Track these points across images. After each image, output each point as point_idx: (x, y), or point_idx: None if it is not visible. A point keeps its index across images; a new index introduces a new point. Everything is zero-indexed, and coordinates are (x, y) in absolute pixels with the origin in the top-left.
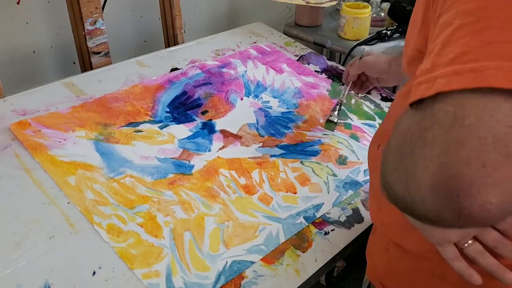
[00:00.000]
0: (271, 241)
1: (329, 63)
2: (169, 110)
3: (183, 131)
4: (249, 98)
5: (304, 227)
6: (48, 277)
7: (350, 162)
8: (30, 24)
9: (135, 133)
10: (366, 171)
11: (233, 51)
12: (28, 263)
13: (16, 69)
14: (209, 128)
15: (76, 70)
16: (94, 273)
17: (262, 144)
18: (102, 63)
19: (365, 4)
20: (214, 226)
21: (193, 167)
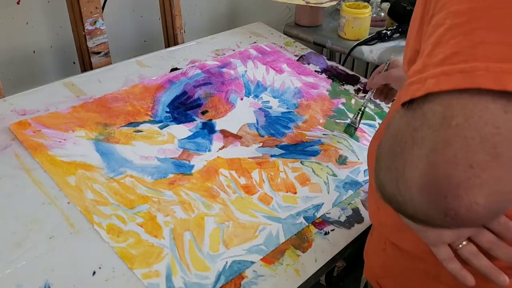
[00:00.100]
0: (271, 241)
1: (329, 63)
2: (169, 110)
3: (183, 131)
4: (249, 98)
5: (304, 227)
6: (48, 277)
7: (350, 162)
8: (30, 24)
9: (135, 133)
10: (366, 171)
11: (233, 51)
12: (28, 263)
13: (16, 69)
14: (209, 128)
15: (76, 70)
16: (94, 273)
17: (262, 144)
18: (102, 63)
19: (365, 4)
20: (214, 226)
21: (193, 167)
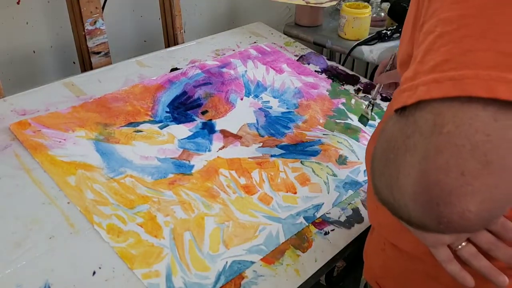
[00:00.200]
0: (271, 241)
1: (329, 63)
2: (169, 110)
3: (183, 131)
4: (249, 98)
5: (304, 227)
6: (48, 277)
7: (350, 162)
8: (30, 24)
9: (135, 133)
10: (365, 171)
11: (233, 51)
12: (28, 263)
13: (16, 69)
14: (209, 128)
15: (76, 70)
16: (94, 273)
17: (262, 144)
18: (102, 63)
19: (365, 4)
20: (214, 226)
21: (193, 167)
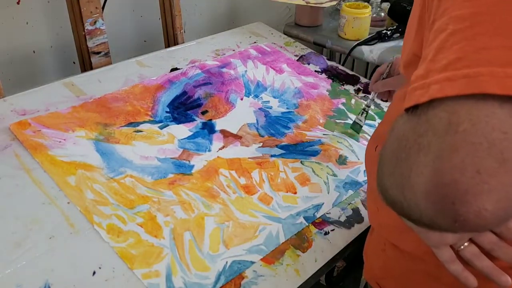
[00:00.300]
0: (271, 241)
1: (329, 63)
2: (169, 110)
3: (183, 131)
4: (249, 98)
5: (304, 227)
6: (48, 277)
7: (350, 162)
8: (30, 24)
9: (135, 133)
10: (365, 171)
11: (233, 51)
12: (28, 263)
13: (16, 69)
14: (209, 128)
15: (76, 70)
16: (94, 273)
17: (262, 144)
18: (102, 63)
19: (365, 4)
20: (214, 226)
21: (193, 167)
